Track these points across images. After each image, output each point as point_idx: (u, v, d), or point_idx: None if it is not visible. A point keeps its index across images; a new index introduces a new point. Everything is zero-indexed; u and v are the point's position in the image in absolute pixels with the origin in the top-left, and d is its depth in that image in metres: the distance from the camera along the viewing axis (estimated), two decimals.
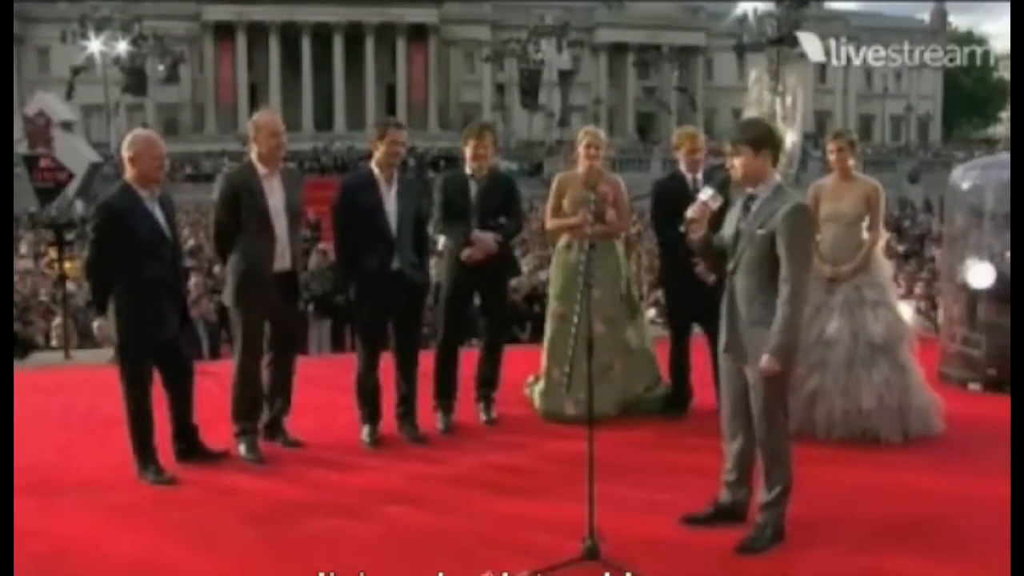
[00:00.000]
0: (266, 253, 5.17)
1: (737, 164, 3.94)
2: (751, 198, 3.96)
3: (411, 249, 5.46)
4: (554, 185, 5.97)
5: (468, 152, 5.71)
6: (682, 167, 5.92)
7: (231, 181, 5.28)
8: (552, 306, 6.00)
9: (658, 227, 6.16)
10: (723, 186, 4.10)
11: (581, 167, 5.87)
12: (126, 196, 4.86)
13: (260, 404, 5.35)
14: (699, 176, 5.71)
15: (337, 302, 10.55)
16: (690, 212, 4.03)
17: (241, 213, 5.17)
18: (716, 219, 4.12)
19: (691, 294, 5.64)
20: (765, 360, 3.80)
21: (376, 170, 5.43)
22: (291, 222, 5.28)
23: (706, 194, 4.00)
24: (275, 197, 5.21)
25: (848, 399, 5.37)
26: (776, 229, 3.81)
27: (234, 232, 5.21)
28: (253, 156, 5.26)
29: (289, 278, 5.32)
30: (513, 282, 10.18)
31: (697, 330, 5.93)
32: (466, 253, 5.63)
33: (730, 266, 4.01)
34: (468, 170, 5.75)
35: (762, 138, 3.95)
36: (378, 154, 5.41)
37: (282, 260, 5.24)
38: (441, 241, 6.07)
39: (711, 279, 4.82)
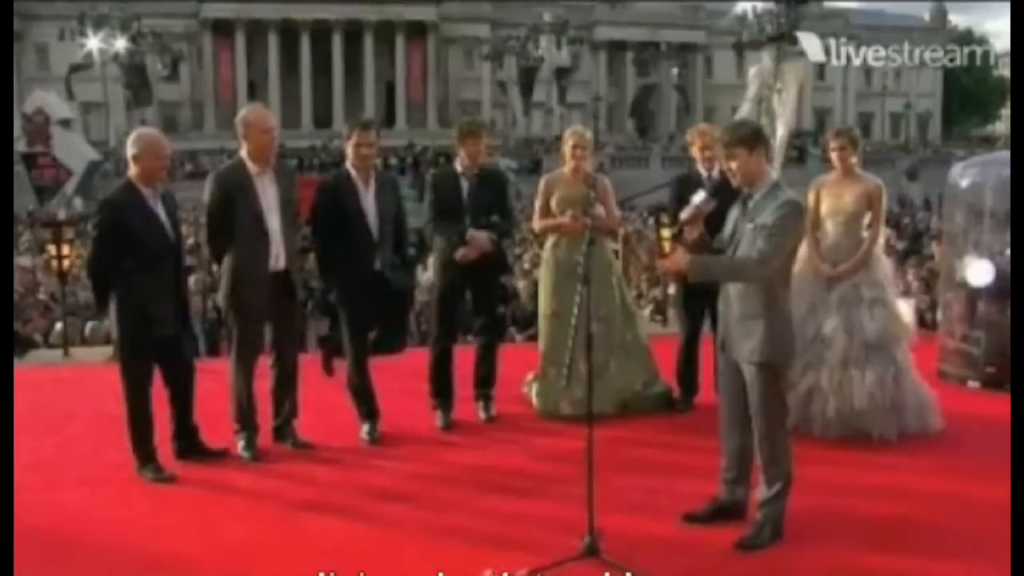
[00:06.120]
0: (261, 253, 5.07)
1: (734, 167, 3.95)
2: (748, 197, 3.97)
3: (391, 249, 5.42)
4: (541, 185, 5.99)
5: (462, 151, 5.68)
6: (698, 164, 5.92)
7: (221, 181, 5.11)
8: (544, 305, 6.00)
9: (674, 220, 6.17)
10: (718, 190, 4.10)
11: (568, 167, 5.89)
12: (129, 194, 4.85)
13: (255, 403, 5.27)
14: (715, 173, 5.68)
15: (330, 300, 10.59)
16: (683, 215, 4.04)
17: (234, 214, 5.04)
18: (717, 222, 4.13)
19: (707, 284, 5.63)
20: (674, 258, 3.92)
21: (353, 171, 5.36)
22: (285, 220, 5.14)
23: (699, 197, 4.01)
24: (268, 196, 5.08)
25: (841, 398, 5.37)
26: (767, 223, 3.82)
27: (228, 233, 5.09)
28: (243, 154, 5.11)
29: (284, 278, 5.21)
30: (521, 284, 10.18)
31: (705, 328, 5.92)
32: (461, 252, 5.60)
33: None
34: (459, 168, 5.73)
35: (753, 137, 3.96)
36: (350, 155, 5.36)
37: (277, 260, 5.13)
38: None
39: None
